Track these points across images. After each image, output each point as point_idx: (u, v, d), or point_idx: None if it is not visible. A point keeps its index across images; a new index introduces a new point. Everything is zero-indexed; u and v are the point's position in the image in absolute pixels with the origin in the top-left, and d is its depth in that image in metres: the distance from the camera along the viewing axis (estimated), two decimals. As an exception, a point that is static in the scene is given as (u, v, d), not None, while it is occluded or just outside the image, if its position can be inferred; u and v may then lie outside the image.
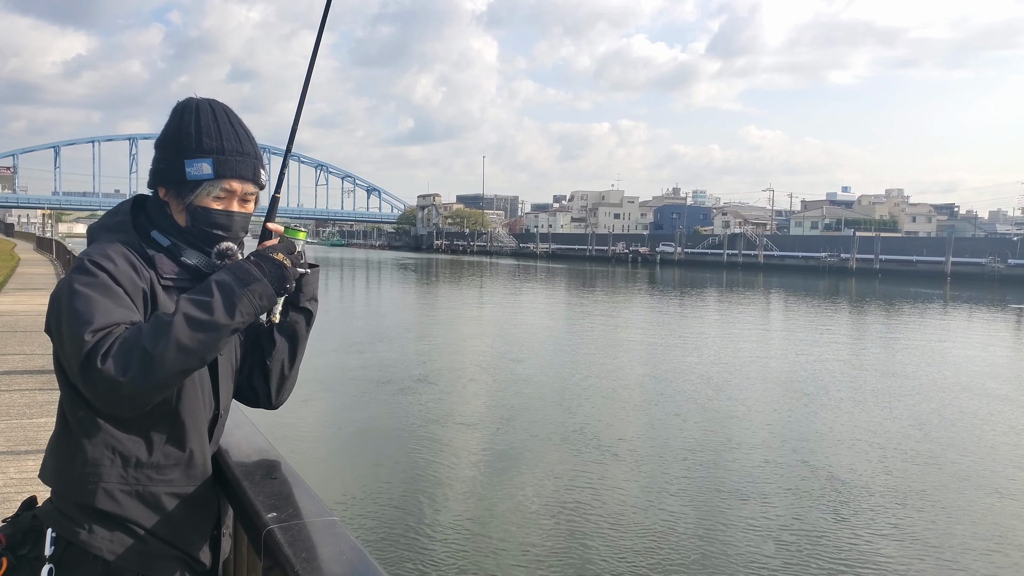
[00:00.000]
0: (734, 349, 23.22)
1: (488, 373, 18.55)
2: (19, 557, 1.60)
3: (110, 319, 1.50)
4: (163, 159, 1.73)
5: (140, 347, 1.44)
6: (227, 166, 1.71)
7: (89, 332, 1.46)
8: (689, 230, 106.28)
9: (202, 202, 1.70)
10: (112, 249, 1.63)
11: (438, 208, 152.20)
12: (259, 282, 1.56)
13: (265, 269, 1.58)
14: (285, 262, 1.60)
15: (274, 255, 1.60)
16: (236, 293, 1.53)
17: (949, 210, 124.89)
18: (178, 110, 1.75)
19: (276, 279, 1.59)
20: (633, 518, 9.20)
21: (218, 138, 1.71)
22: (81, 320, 1.49)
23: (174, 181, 1.71)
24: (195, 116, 1.72)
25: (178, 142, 1.71)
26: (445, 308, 37.25)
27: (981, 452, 12.46)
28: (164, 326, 1.47)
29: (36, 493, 1.77)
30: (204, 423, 1.73)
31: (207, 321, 1.49)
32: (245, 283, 1.55)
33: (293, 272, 1.62)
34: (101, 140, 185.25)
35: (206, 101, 1.76)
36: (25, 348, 9.32)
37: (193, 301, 1.52)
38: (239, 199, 1.74)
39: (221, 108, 1.76)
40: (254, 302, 1.55)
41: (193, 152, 1.69)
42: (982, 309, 40.72)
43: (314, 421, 13.26)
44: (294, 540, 1.42)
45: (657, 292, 50.41)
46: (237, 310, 1.53)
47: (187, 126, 1.71)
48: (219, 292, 1.52)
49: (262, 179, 1.78)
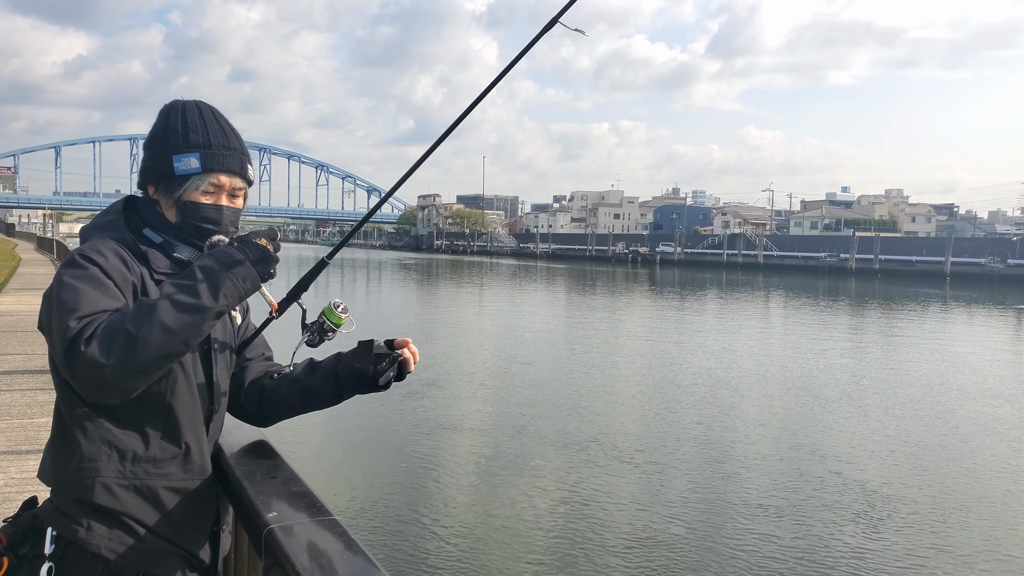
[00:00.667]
0: (735, 350, 23.23)
1: (488, 374, 18.56)
2: (19, 557, 1.60)
3: (96, 307, 1.51)
4: (151, 156, 1.76)
5: (124, 329, 1.44)
6: (214, 159, 1.73)
7: (74, 319, 1.47)
8: (689, 230, 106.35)
9: (191, 197, 1.72)
10: (103, 245, 1.65)
11: (438, 208, 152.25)
12: (242, 265, 1.57)
13: (248, 253, 1.59)
14: (268, 247, 1.61)
15: (257, 240, 1.62)
16: (220, 276, 1.54)
17: (949, 210, 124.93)
18: (164, 111, 1.78)
19: (259, 262, 1.59)
20: (633, 519, 9.20)
21: (204, 133, 1.73)
22: (67, 308, 1.49)
23: (163, 177, 1.73)
24: (181, 114, 1.75)
25: (165, 139, 1.73)
26: (446, 309, 37.26)
27: (982, 452, 12.46)
28: (148, 309, 1.47)
29: (37, 493, 1.77)
30: (200, 418, 1.73)
31: (192, 304, 1.49)
32: (228, 266, 1.55)
33: (275, 257, 1.63)
34: (102, 140, 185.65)
35: (192, 102, 1.79)
36: (26, 348, 9.33)
37: (177, 285, 1.52)
38: (228, 193, 1.76)
39: (207, 107, 1.79)
40: (238, 285, 1.55)
41: (180, 147, 1.71)
42: (982, 309, 40.73)
43: (314, 421, 13.25)
44: (294, 540, 1.42)
45: (657, 292, 50.43)
46: (221, 292, 1.53)
47: (173, 123, 1.74)
48: (203, 275, 1.53)
49: (250, 174, 1.80)
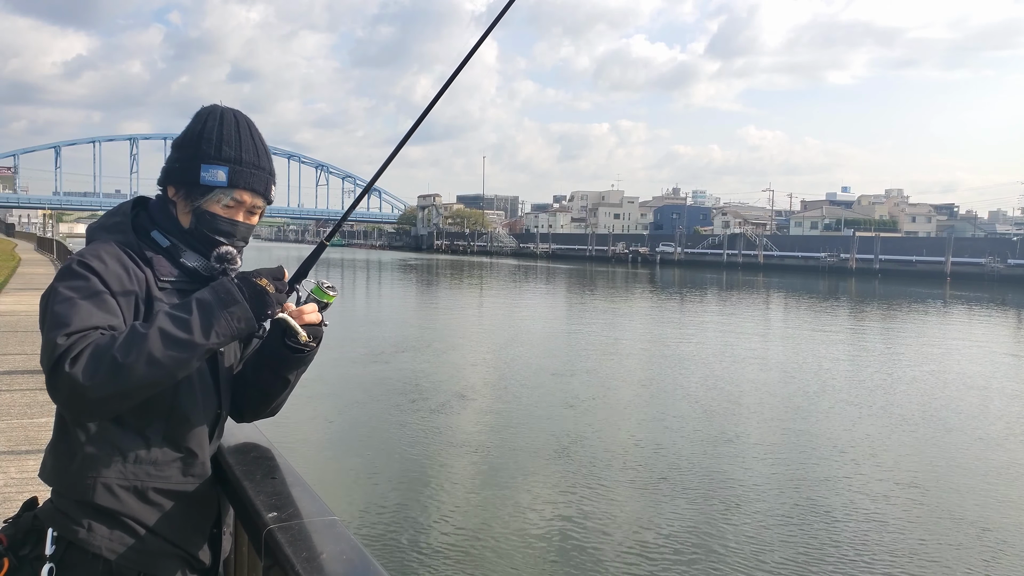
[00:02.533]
0: (735, 350, 23.22)
1: (490, 375, 18.56)
2: (20, 558, 1.60)
3: (87, 323, 1.50)
4: (179, 159, 1.74)
5: (111, 356, 1.44)
6: (241, 177, 1.72)
7: (63, 335, 1.47)
8: (689, 230, 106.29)
9: (210, 207, 1.72)
10: (105, 249, 1.63)
11: (438, 208, 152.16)
12: (239, 305, 1.55)
13: (247, 293, 1.57)
14: (268, 288, 1.60)
15: (257, 279, 1.60)
16: (215, 314, 1.53)
17: (949, 210, 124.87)
18: (202, 115, 1.76)
19: (257, 304, 1.58)
20: (634, 520, 9.20)
21: (237, 148, 1.72)
22: (57, 322, 1.49)
23: (187, 182, 1.72)
24: (219, 123, 1.74)
25: (198, 145, 1.72)
26: (446, 309, 37.27)
27: (983, 452, 12.45)
28: (139, 338, 1.47)
29: (37, 493, 1.77)
30: (204, 421, 1.73)
31: (182, 339, 1.49)
32: (225, 304, 1.54)
33: (275, 298, 1.62)
34: (102, 140, 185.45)
35: (231, 111, 1.78)
36: (26, 348, 9.33)
37: (171, 317, 1.51)
38: (246, 210, 1.76)
39: (245, 120, 1.78)
40: (232, 324, 1.54)
41: (211, 158, 1.71)
42: (982, 309, 40.72)
43: (315, 421, 13.26)
44: (294, 540, 1.42)
45: (657, 292, 50.42)
46: (214, 331, 1.52)
47: (209, 131, 1.73)
48: (198, 311, 1.52)
49: (272, 195, 1.81)
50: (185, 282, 1.70)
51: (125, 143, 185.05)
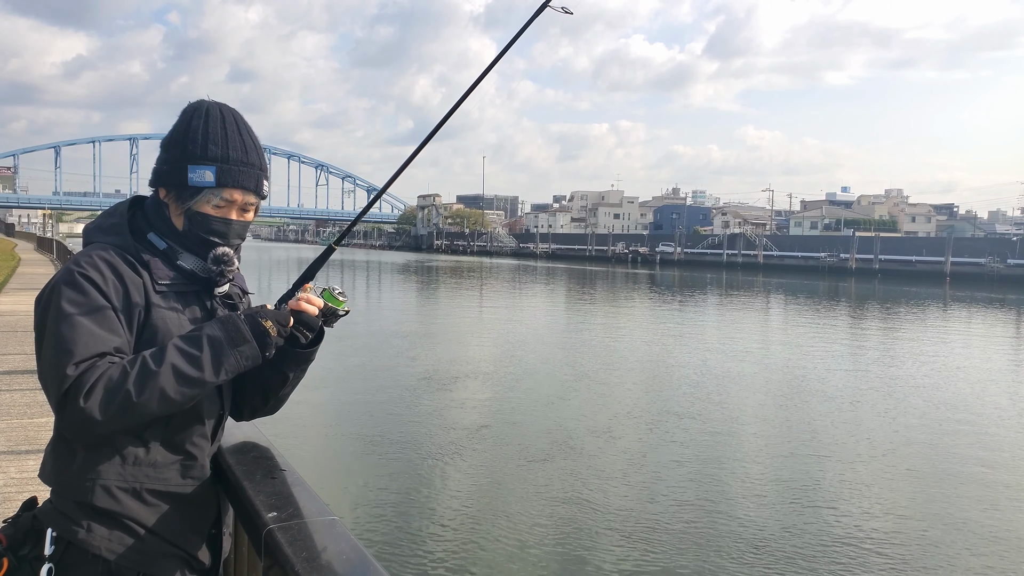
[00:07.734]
0: (735, 350, 23.22)
1: (489, 375, 18.56)
2: (20, 557, 1.60)
3: (94, 349, 1.52)
4: (167, 160, 1.71)
5: (124, 392, 1.49)
6: (230, 176, 1.69)
7: (71, 365, 1.49)
8: (689, 230, 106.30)
9: (201, 208, 1.70)
10: (103, 257, 1.62)
11: (438, 208, 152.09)
12: (248, 344, 1.61)
13: (254, 331, 1.62)
14: (272, 331, 1.64)
15: (264, 321, 1.64)
16: (225, 352, 1.58)
17: (948, 210, 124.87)
18: (188, 112, 1.73)
19: (261, 345, 1.63)
20: (634, 519, 9.19)
21: (224, 146, 1.69)
22: (64, 349, 1.51)
23: (175, 184, 1.70)
24: (204, 121, 1.70)
25: (183, 146, 1.69)
26: (446, 309, 37.26)
27: (984, 453, 12.45)
28: (151, 376, 1.50)
29: (37, 493, 1.77)
30: (206, 423, 1.73)
31: (194, 377, 1.55)
32: (235, 344, 1.59)
33: (277, 341, 1.66)
34: (101, 140, 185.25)
35: (216, 106, 1.74)
36: (26, 348, 9.32)
37: (183, 353, 1.55)
38: (239, 208, 1.74)
39: (231, 115, 1.74)
40: (240, 362, 1.60)
41: (197, 158, 1.68)
42: (982, 309, 40.72)
43: (314, 421, 13.25)
44: (294, 540, 1.42)
45: (657, 292, 50.40)
46: (223, 368, 1.58)
47: (194, 131, 1.69)
48: (209, 349, 1.57)
49: (264, 190, 1.77)
50: (182, 284, 1.70)
51: (125, 143, 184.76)
